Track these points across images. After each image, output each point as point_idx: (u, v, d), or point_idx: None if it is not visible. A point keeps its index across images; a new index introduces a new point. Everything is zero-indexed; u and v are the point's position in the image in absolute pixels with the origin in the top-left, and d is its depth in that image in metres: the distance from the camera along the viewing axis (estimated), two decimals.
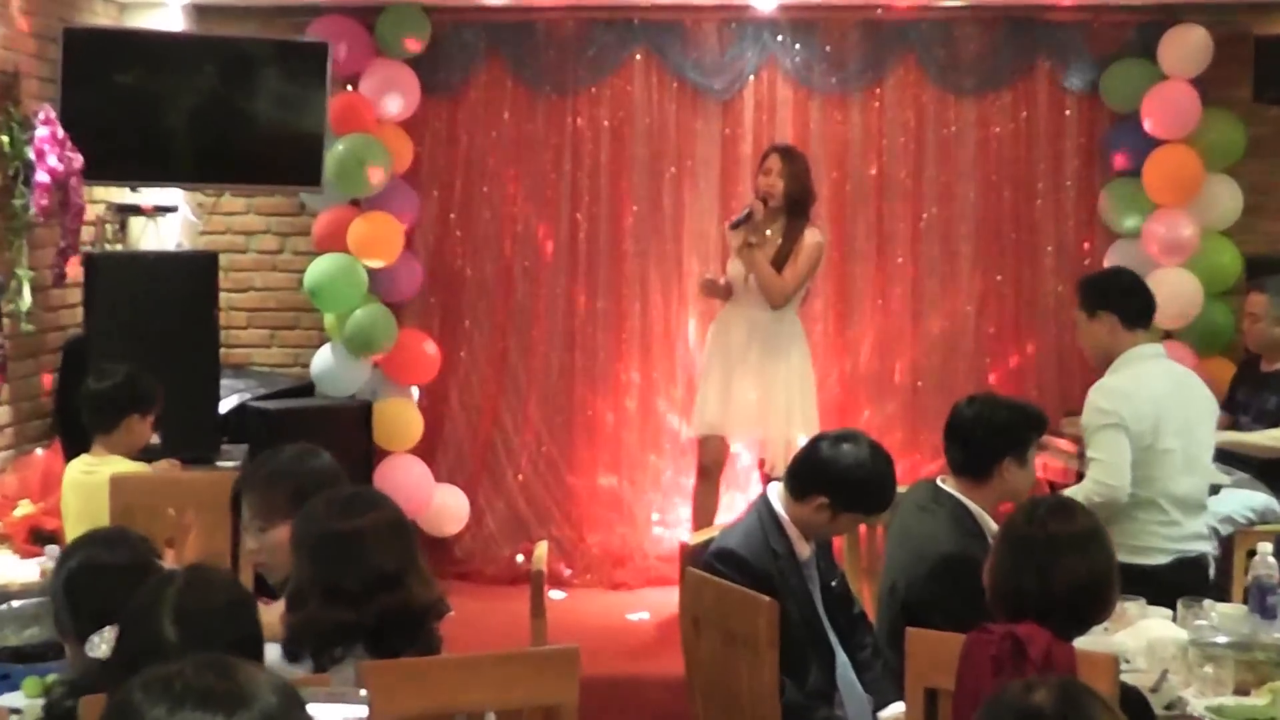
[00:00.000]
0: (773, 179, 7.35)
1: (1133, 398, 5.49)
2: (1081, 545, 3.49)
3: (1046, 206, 8.50)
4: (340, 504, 3.47)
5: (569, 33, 8.43)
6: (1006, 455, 4.58)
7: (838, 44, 8.44)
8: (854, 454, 4.48)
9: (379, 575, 3.34)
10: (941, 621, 3.88)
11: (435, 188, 8.50)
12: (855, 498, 4.46)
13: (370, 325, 7.91)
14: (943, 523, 4.47)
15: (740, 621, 4.09)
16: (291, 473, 3.97)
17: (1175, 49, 8.07)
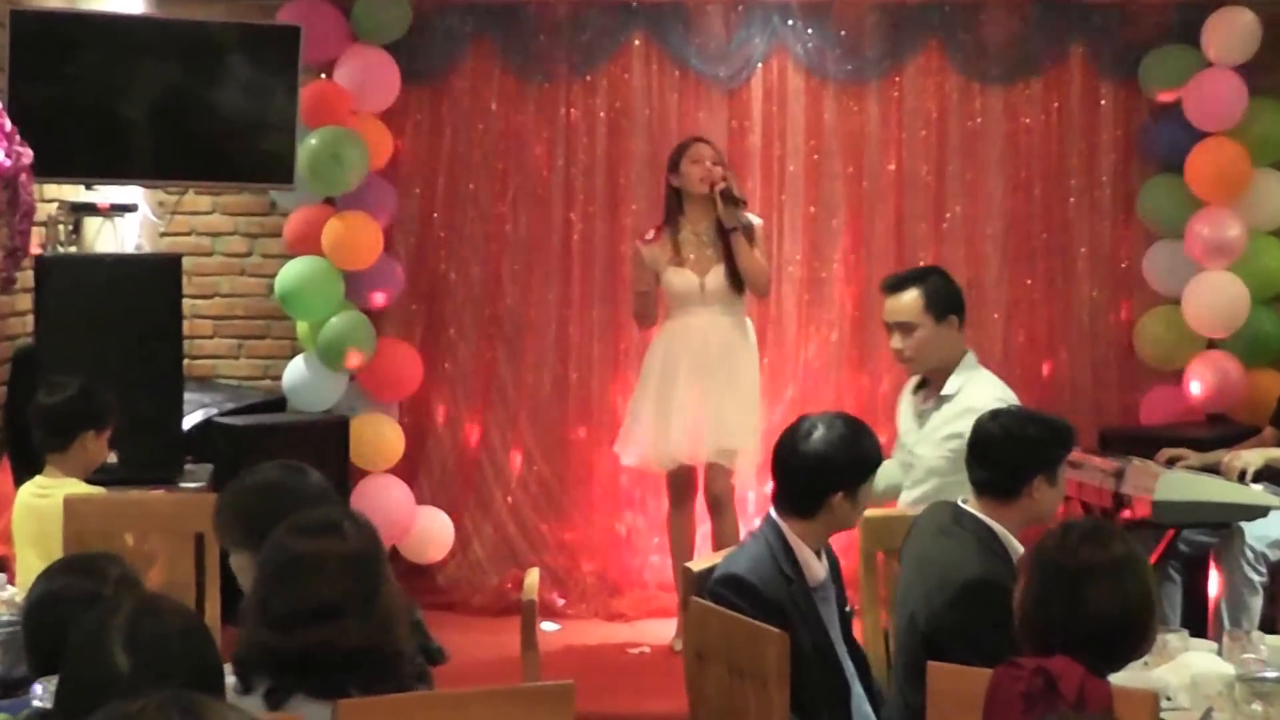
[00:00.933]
0: (709, 165, 7.39)
1: None
2: (1115, 574, 3.49)
3: (1080, 205, 8.52)
4: (304, 524, 3.47)
5: (562, 16, 8.45)
6: (1038, 474, 4.58)
7: (853, 28, 8.46)
8: (830, 435, 4.60)
9: (314, 605, 3.30)
10: (966, 653, 3.89)
11: (417, 185, 8.51)
12: (860, 469, 4.61)
13: (346, 334, 7.92)
14: (966, 547, 4.48)
15: (748, 654, 4.09)
16: (271, 490, 3.98)
17: (1220, 33, 8.08)
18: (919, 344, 5.94)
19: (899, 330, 5.97)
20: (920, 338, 5.93)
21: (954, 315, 5.97)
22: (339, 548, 3.38)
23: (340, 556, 3.36)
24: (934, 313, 5.92)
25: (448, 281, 8.52)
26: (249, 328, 8.67)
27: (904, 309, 5.96)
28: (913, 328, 5.93)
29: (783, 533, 4.53)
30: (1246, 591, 6.43)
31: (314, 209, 8.05)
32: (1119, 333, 8.53)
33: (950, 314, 5.95)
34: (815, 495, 4.54)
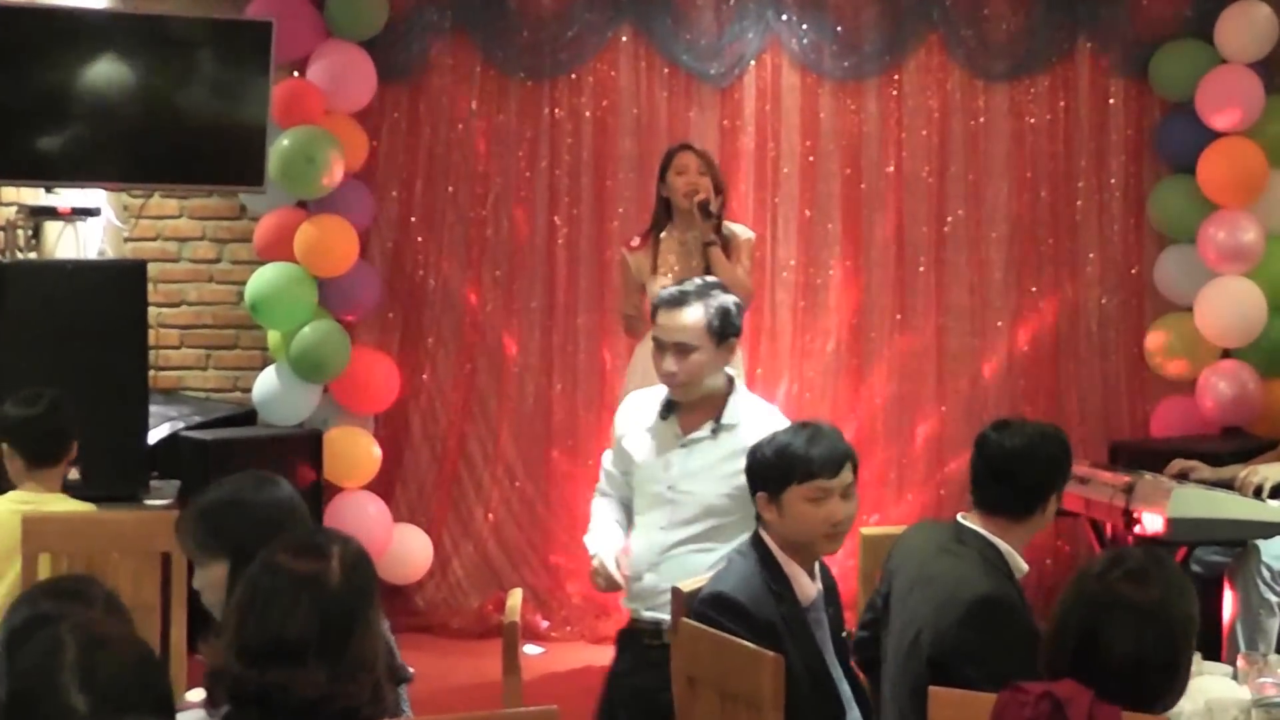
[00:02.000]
0: (693, 176, 7.38)
1: None
2: (1139, 617, 3.45)
3: (1089, 208, 8.53)
4: (301, 543, 3.43)
5: (546, 10, 8.45)
6: (1054, 491, 4.60)
7: (851, 23, 8.47)
8: (787, 433, 4.67)
9: (281, 644, 3.27)
10: (976, 675, 3.90)
11: (393, 187, 8.51)
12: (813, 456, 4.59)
13: (320, 344, 7.92)
14: (971, 565, 4.48)
15: (741, 679, 4.09)
16: (241, 503, 3.98)
17: (1235, 29, 8.10)
18: (696, 368, 5.41)
19: (675, 351, 5.41)
20: (698, 361, 5.41)
21: (734, 338, 5.50)
22: (319, 582, 3.34)
23: (318, 593, 3.31)
24: (715, 334, 5.42)
25: (426, 288, 8.52)
26: (217, 337, 8.67)
27: (685, 328, 5.42)
28: (691, 349, 5.40)
29: (770, 550, 4.54)
30: (1263, 612, 6.42)
31: (286, 213, 8.05)
32: (1129, 341, 8.53)
33: (731, 336, 5.47)
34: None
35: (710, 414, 5.47)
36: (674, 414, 5.54)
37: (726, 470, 5.30)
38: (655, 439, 5.56)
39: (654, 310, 5.57)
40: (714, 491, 5.37)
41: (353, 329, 8.23)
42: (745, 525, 5.00)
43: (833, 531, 4.55)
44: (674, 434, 5.50)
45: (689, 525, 5.40)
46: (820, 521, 4.52)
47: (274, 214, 8.08)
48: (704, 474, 5.41)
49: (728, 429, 5.43)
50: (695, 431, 5.46)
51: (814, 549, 4.58)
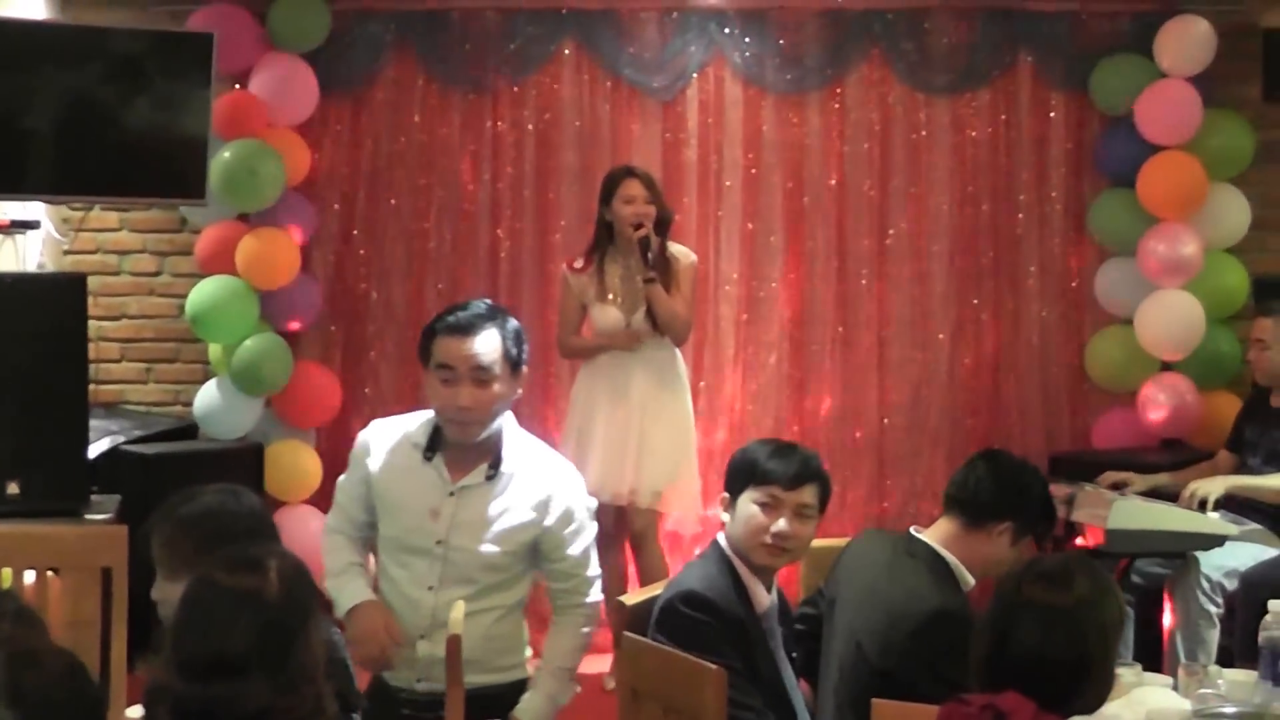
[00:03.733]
0: (640, 206, 7.38)
1: None
2: (1051, 619, 3.47)
3: (1030, 221, 8.56)
4: (230, 565, 3.41)
5: (488, 23, 8.45)
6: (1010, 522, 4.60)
7: (793, 37, 8.49)
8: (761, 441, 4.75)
9: (221, 658, 3.25)
10: (927, 686, 3.92)
11: (335, 200, 8.49)
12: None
13: (261, 358, 7.90)
14: (921, 577, 4.50)
15: (684, 692, 4.09)
16: (203, 518, 3.96)
17: (1174, 43, 8.15)
18: (493, 401, 4.87)
19: (471, 382, 4.84)
20: (496, 393, 4.87)
21: (525, 366, 4.99)
22: (258, 595, 3.32)
23: (257, 606, 3.30)
24: (512, 362, 4.91)
25: (368, 302, 8.50)
26: (158, 350, 8.63)
27: (482, 355, 4.86)
28: (490, 379, 4.85)
29: (727, 556, 4.55)
30: (1203, 623, 6.47)
31: (227, 226, 8.03)
32: (1070, 354, 8.57)
33: (523, 364, 4.97)
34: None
35: (483, 457, 4.93)
36: (439, 455, 4.95)
37: (505, 524, 4.88)
38: (419, 484, 4.93)
39: (437, 335, 4.91)
40: (490, 547, 4.86)
41: (294, 342, 8.21)
42: (521, 583, 4.95)
43: (772, 543, 4.51)
44: (441, 479, 4.92)
45: (464, 584, 4.84)
46: (760, 528, 4.51)
47: (215, 227, 8.05)
48: (479, 527, 4.87)
49: (505, 476, 4.92)
50: (467, 478, 4.91)
51: (752, 557, 4.54)
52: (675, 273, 7.41)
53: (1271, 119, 8.41)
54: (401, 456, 4.98)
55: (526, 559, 4.95)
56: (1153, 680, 4.51)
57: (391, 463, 4.99)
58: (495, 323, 4.89)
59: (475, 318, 4.89)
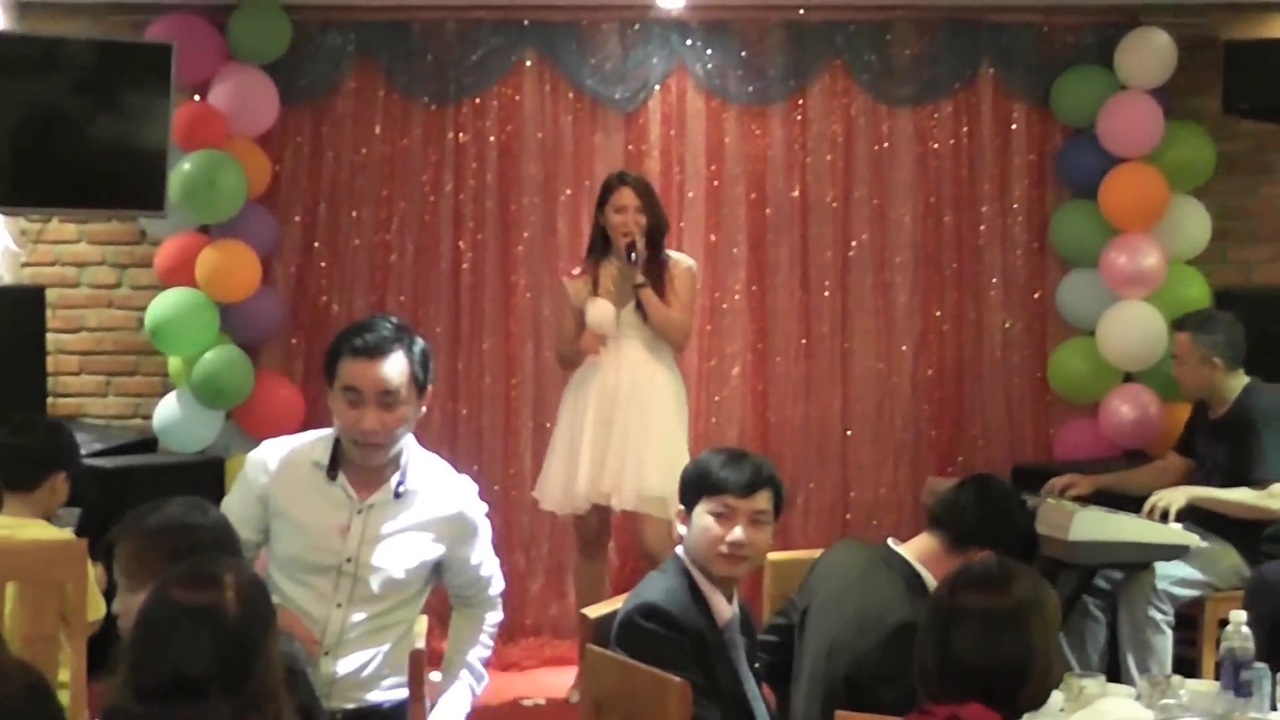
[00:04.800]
0: (630, 215, 7.39)
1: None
2: (990, 623, 3.48)
3: (992, 232, 8.59)
4: (185, 581, 3.38)
5: (450, 34, 8.45)
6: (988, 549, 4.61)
7: (755, 48, 8.51)
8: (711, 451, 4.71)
9: (182, 680, 3.21)
10: (893, 698, 3.92)
11: (297, 212, 8.48)
12: (727, 472, 4.59)
13: (222, 370, 7.88)
14: (896, 588, 4.51)
15: (647, 705, 4.09)
16: (171, 529, 3.95)
17: (1135, 55, 8.19)
18: (401, 423, 4.86)
19: (378, 405, 4.80)
20: (403, 415, 4.84)
21: (431, 385, 4.97)
22: (216, 613, 3.29)
23: (215, 625, 3.26)
24: (419, 384, 4.89)
25: (330, 314, 8.48)
26: (118, 363, 8.60)
27: (390, 378, 4.82)
28: (397, 402, 4.82)
29: (688, 569, 4.55)
30: (1150, 631, 6.50)
31: (187, 237, 8.00)
32: (1032, 365, 8.60)
33: (429, 383, 4.95)
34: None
35: (388, 474, 4.91)
36: (342, 473, 4.91)
37: (413, 540, 4.90)
38: (324, 502, 4.88)
39: (342, 357, 4.88)
40: (398, 565, 4.85)
41: (255, 355, 8.19)
42: (421, 598, 4.96)
43: (729, 552, 4.50)
44: (348, 497, 4.87)
45: (371, 602, 4.83)
46: (716, 539, 4.51)
47: (175, 239, 8.03)
48: (387, 545, 4.86)
49: (410, 494, 4.92)
50: (375, 495, 4.88)
51: (710, 567, 4.54)
52: (671, 279, 7.41)
53: (1232, 131, 8.46)
54: (302, 475, 4.93)
55: (429, 575, 4.97)
56: (1116, 691, 4.54)
57: (292, 482, 4.92)
58: (402, 345, 4.86)
59: (382, 341, 4.84)
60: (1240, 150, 8.55)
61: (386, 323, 4.93)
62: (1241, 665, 4.42)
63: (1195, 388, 7.08)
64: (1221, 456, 6.90)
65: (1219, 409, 7.02)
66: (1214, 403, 7.05)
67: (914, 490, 8.32)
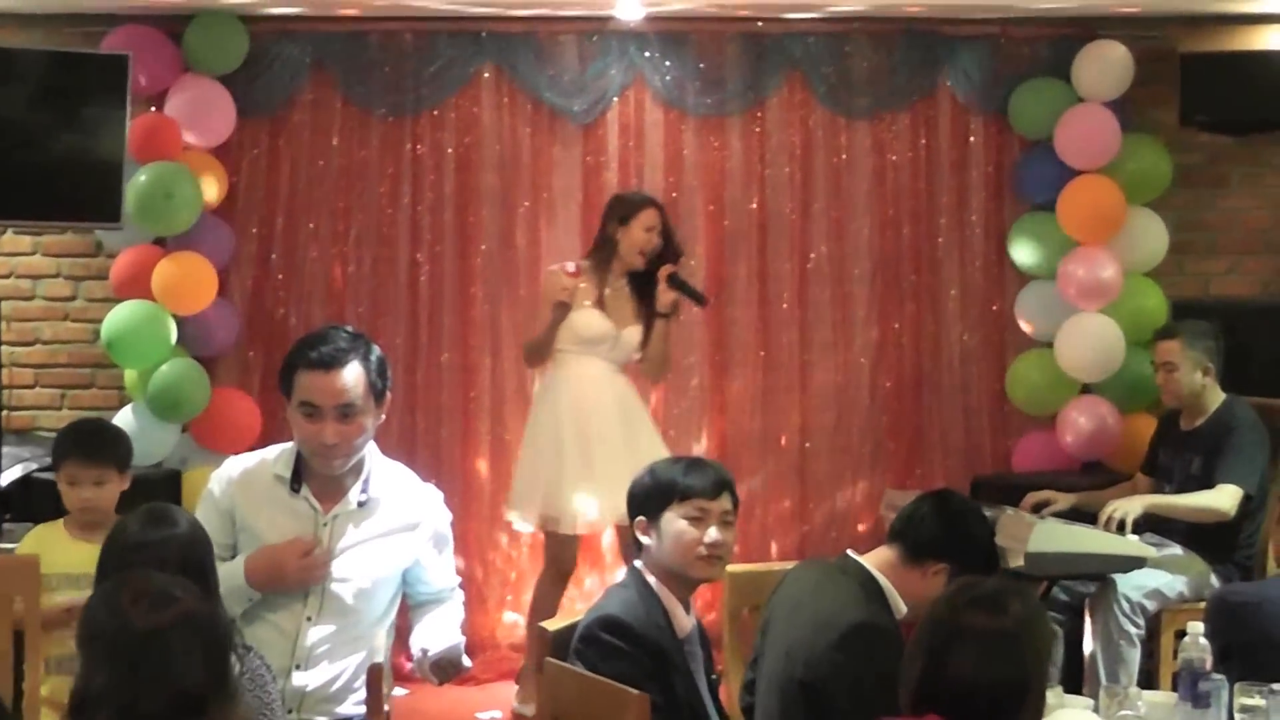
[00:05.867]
0: (655, 237, 7.42)
1: None
2: (988, 644, 3.47)
3: (950, 244, 8.61)
4: (153, 596, 3.32)
5: (407, 46, 8.44)
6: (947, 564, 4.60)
7: (713, 60, 8.51)
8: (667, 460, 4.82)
9: (179, 694, 3.20)
10: (847, 702, 3.93)
11: (253, 224, 8.45)
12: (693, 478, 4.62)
13: (178, 383, 7.85)
14: (850, 592, 4.52)
15: (606, 718, 4.09)
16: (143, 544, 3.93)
17: (1092, 68, 8.22)
18: (359, 434, 4.87)
19: (336, 418, 4.81)
20: (361, 426, 4.86)
21: (389, 393, 5.00)
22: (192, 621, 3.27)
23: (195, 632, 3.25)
24: (376, 394, 4.89)
25: (287, 326, 8.45)
26: (73, 376, 8.56)
27: (348, 390, 4.82)
28: (355, 413, 4.83)
29: (648, 582, 4.56)
30: (1123, 644, 6.51)
31: (143, 250, 7.98)
32: (990, 378, 8.62)
33: (387, 391, 4.97)
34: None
35: (350, 485, 4.92)
36: (305, 485, 4.90)
37: (381, 549, 4.89)
38: (289, 516, 4.87)
39: (298, 370, 4.88)
40: (365, 575, 4.84)
41: (212, 367, 8.17)
42: (392, 609, 4.97)
43: (709, 554, 4.54)
44: (312, 509, 4.88)
45: (342, 614, 4.81)
46: (694, 541, 4.53)
47: (131, 251, 8.01)
48: (354, 556, 4.86)
49: (374, 502, 4.92)
50: (339, 506, 4.88)
51: (690, 572, 4.56)
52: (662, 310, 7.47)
53: (1189, 143, 8.50)
54: (265, 489, 4.92)
55: (398, 583, 4.98)
56: (1073, 702, 4.54)
57: (255, 496, 4.91)
58: (357, 354, 4.85)
59: (337, 352, 4.83)
60: (1197, 163, 8.58)
61: (341, 333, 4.93)
62: (1199, 676, 4.43)
63: (1185, 395, 7.05)
64: (1197, 466, 6.91)
65: (1195, 420, 7.04)
66: (1192, 413, 7.06)
67: (872, 502, 8.34)
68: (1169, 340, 7.10)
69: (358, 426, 4.82)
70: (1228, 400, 7.02)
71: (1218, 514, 6.72)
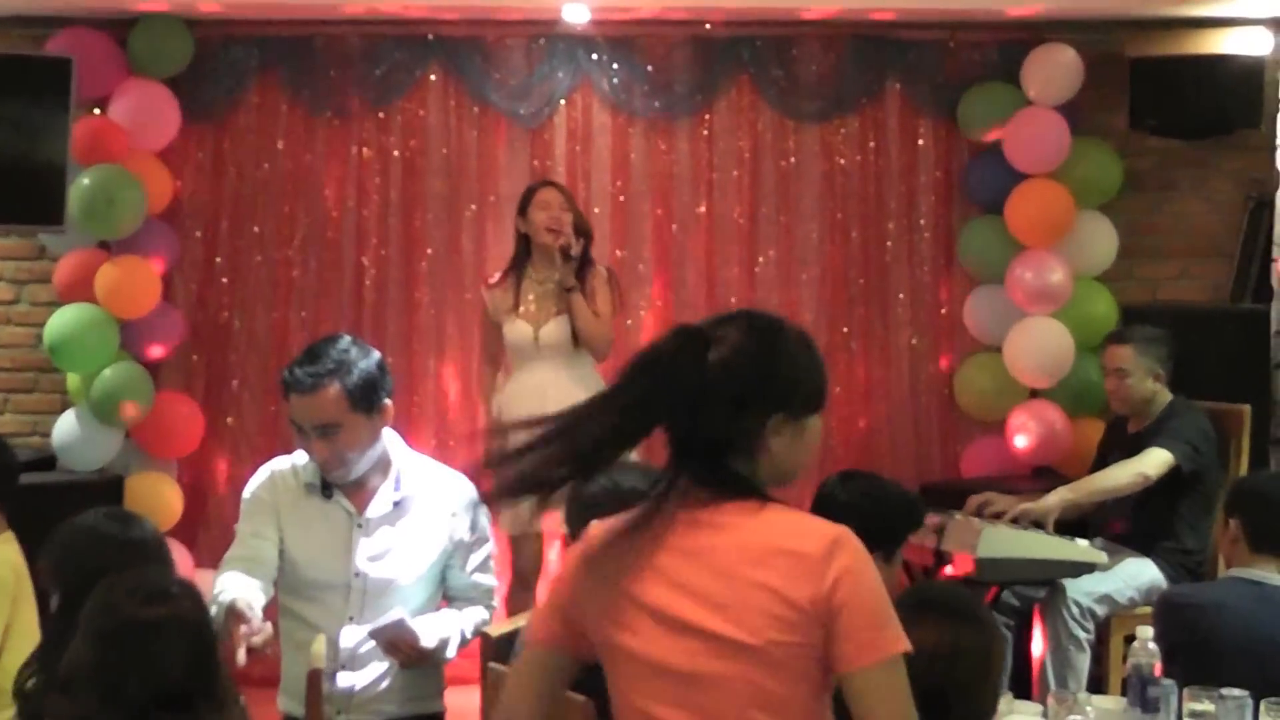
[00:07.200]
0: (555, 212, 7.39)
1: None
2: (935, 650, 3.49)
3: (899, 249, 8.61)
4: (142, 590, 3.40)
5: (354, 49, 8.41)
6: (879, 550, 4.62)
7: (661, 63, 8.51)
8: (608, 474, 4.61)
9: (164, 685, 3.24)
10: None
11: (198, 228, 8.42)
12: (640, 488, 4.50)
13: (121, 387, 7.81)
14: None
15: None
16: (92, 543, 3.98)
17: (1041, 71, 8.23)
18: (348, 446, 4.96)
19: (319, 436, 4.94)
20: (348, 439, 4.95)
21: (386, 399, 5.05)
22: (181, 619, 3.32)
23: (181, 629, 3.30)
24: (362, 407, 4.94)
25: (231, 330, 8.43)
26: (15, 380, 8.52)
27: (324, 410, 4.93)
28: (335, 429, 4.93)
29: None
30: (1073, 649, 6.51)
31: (87, 253, 7.94)
32: (939, 382, 8.63)
33: (382, 399, 5.03)
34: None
35: (380, 484, 5.06)
36: (338, 491, 5.05)
37: (417, 546, 5.01)
38: (324, 521, 5.03)
39: (288, 391, 4.98)
40: (405, 573, 4.97)
41: (156, 372, 8.13)
42: (430, 610, 5.02)
43: None
44: (345, 513, 5.03)
45: (384, 614, 4.88)
46: None
47: (74, 254, 7.97)
48: (394, 554, 4.99)
49: (407, 499, 5.05)
50: (373, 507, 5.03)
51: None
52: (592, 290, 7.39)
53: (1138, 147, 8.52)
54: (298, 498, 5.06)
55: (438, 580, 5.04)
56: (1022, 708, 4.55)
57: (291, 505, 5.05)
58: (337, 375, 4.91)
59: (313, 376, 4.91)
60: (1146, 167, 8.61)
61: (331, 349, 4.99)
62: (1148, 682, 4.44)
63: (1136, 401, 7.05)
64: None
65: (1142, 422, 7.06)
66: (1141, 417, 7.08)
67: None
68: (1121, 346, 7.11)
69: (343, 442, 4.92)
70: (1174, 400, 7.03)
71: (1140, 476, 6.70)
